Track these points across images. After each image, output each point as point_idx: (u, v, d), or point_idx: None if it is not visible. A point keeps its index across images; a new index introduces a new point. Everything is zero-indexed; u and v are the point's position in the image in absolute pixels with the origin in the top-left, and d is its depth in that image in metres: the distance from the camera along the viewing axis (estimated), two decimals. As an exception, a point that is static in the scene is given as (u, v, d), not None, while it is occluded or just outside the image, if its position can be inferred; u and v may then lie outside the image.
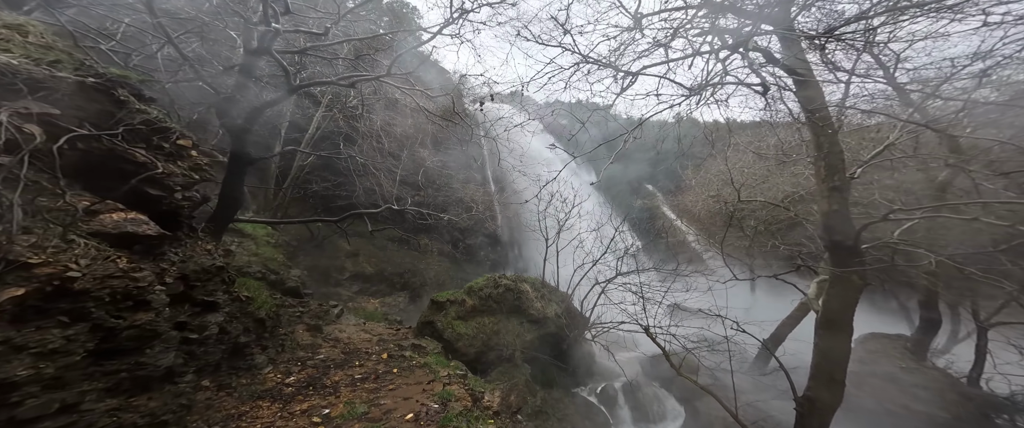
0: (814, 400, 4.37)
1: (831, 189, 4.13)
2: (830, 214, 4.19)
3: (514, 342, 8.43)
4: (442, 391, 4.56)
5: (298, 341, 6.11)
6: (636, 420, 8.96)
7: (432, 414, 3.83)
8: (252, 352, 4.76)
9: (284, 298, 7.36)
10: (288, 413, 3.81)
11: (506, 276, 9.25)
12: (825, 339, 4.37)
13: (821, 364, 4.38)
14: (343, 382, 4.94)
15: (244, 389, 4.21)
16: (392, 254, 15.52)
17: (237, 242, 8.77)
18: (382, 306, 13.52)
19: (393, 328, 8.50)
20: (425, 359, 6.17)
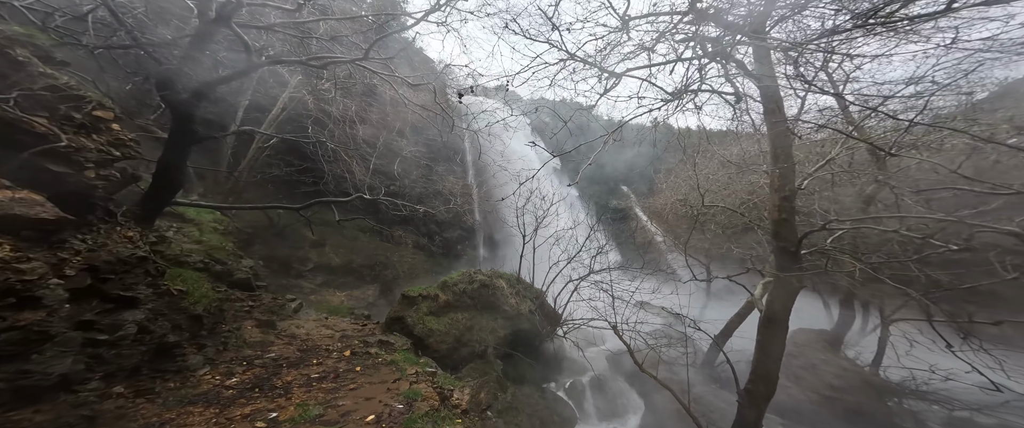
0: (753, 392, 4.56)
1: (782, 198, 4.30)
2: (778, 221, 4.37)
3: (487, 338, 8.17)
4: (408, 390, 4.19)
5: (245, 338, 5.43)
6: (601, 414, 9.05)
7: (395, 415, 3.47)
8: (184, 352, 4.10)
9: (230, 291, 6.56)
10: (225, 419, 3.28)
11: (482, 272, 8.94)
12: (765, 335, 4.58)
13: (760, 358, 4.61)
14: (297, 382, 4.41)
15: (171, 394, 3.59)
16: (363, 245, 14.64)
17: (176, 228, 7.74)
18: (349, 300, 12.70)
19: (359, 323, 7.92)
20: (392, 356, 5.73)
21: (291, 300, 7.50)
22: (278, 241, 13.37)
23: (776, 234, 4.28)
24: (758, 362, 4.60)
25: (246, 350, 5.21)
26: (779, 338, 4.40)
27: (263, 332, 5.82)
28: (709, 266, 15.85)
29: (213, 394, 3.81)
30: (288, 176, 13.61)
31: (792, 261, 4.16)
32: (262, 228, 13.21)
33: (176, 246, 7.02)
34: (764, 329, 4.51)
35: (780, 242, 4.24)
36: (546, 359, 9.53)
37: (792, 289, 4.24)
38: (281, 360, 5.15)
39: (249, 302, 6.54)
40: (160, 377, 3.81)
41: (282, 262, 13.10)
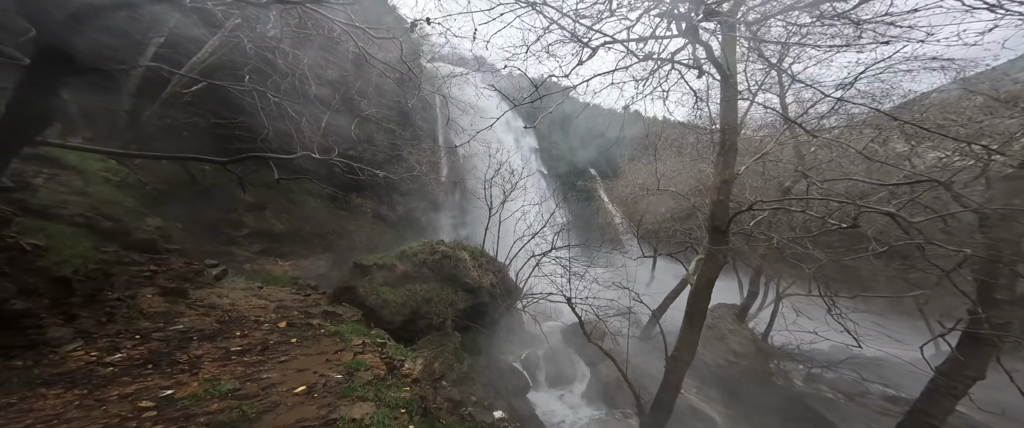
0: (677, 359, 4.85)
1: (722, 181, 4.42)
2: (716, 202, 4.53)
3: (446, 311, 7.75)
4: (351, 361, 3.65)
5: (142, 308, 4.38)
6: (551, 382, 9.29)
7: (331, 385, 2.95)
8: (40, 323, 3.10)
9: (124, 253, 5.28)
10: (94, 400, 2.49)
11: (444, 242, 8.37)
12: (692, 307, 4.83)
13: (686, 328, 4.88)
14: (209, 357, 3.62)
15: (14, 375, 2.67)
16: (314, 211, 13.09)
17: (48, 175, 6.02)
18: (294, 269, 11.39)
19: (301, 293, 7.00)
20: (338, 327, 5.07)
21: (211, 265, 6.33)
22: (202, 201, 11.38)
23: (712, 214, 4.47)
24: (684, 331, 4.86)
25: (141, 322, 4.20)
26: (702, 309, 4.65)
27: (169, 301, 4.77)
28: (656, 246, 16.85)
29: (81, 373, 2.93)
30: (215, 128, 11.46)
31: (722, 239, 4.37)
32: (181, 185, 11.10)
33: (45, 196, 5.45)
34: (692, 301, 4.74)
35: (714, 221, 4.46)
36: (504, 331, 9.44)
37: (717, 264, 4.51)
38: (192, 332, 4.24)
39: (151, 267, 5.33)
40: (1, 354, 2.82)
41: (209, 226, 11.23)
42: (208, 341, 4.10)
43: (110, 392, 2.65)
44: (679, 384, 4.72)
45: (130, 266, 5.05)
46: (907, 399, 8.58)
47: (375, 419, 2.29)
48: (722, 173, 4.24)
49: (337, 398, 2.71)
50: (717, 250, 4.44)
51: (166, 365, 3.30)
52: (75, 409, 2.38)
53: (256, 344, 4.21)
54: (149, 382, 2.89)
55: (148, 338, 3.86)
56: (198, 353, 3.68)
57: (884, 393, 8.93)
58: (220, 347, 3.96)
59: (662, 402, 4.79)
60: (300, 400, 2.66)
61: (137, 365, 3.21)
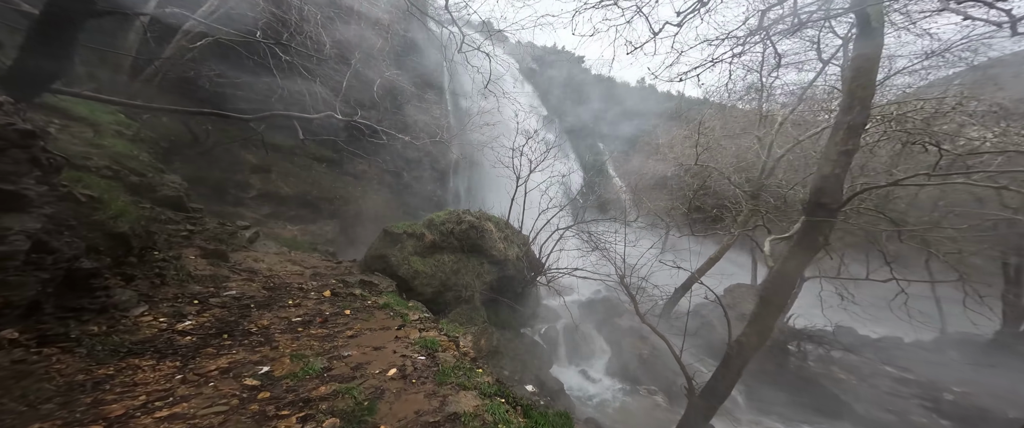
0: (744, 343, 4.86)
1: (841, 153, 4.12)
2: (829, 176, 4.24)
3: (474, 283, 7.85)
4: (421, 339, 3.69)
5: (190, 271, 4.30)
6: (571, 357, 9.74)
7: (421, 368, 2.99)
8: (106, 284, 3.00)
9: (158, 210, 5.08)
10: (197, 375, 2.48)
11: (470, 212, 8.27)
12: (771, 292, 4.74)
13: (760, 313, 4.84)
14: (276, 328, 3.61)
15: (99, 341, 2.61)
16: (319, 176, 12.75)
17: (59, 126, 5.61)
18: (303, 234, 11.29)
19: (330, 260, 6.96)
20: (383, 299, 5.09)
21: (243, 227, 6.18)
22: (205, 162, 10.95)
23: (820, 189, 4.18)
24: (756, 316, 4.84)
25: (192, 285, 4.13)
26: (784, 295, 4.63)
27: (213, 265, 4.68)
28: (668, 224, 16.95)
29: (161, 341, 2.89)
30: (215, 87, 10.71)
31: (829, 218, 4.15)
32: (183, 144, 10.60)
33: (65, 146, 5.10)
34: (772, 284, 4.68)
35: (821, 198, 4.17)
36: (526, 306, 9.69)
37: (815, 246, 4.35)
38: (246, 299, 4.20)
39: (187, 226, 5.17)
40: (74, 317, 2.74)
41: (214, 186, 10.92)
42: (265, 309, 4.08)
43: (206, 366, 2.63)
44: (741, 370, 4.85)
45: (167, 224, 4.88)
46: (916, 380, 9.21)
47: (492, 412, 2.31)
48: (843, 143, 3.92)
49: (436, 385, 2.74)
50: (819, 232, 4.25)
51: (240, 336, 3.28)
52: (182, 385, 2.36)
53: (312, 314, 4.21)
54: (236, 355, 2.88)
55: (207, 304, 3.81)
56: (264, 323, 3.67)
57: (894, 375, 9.57)
58: (281, 317, 3.95)
59: (717, 387, 4.95)
60: (400, 386, 2.68)
61: (212, 335, 3.19)
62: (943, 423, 7.61)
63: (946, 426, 7.55)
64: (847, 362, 9.72)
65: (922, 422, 7.59)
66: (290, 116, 7.90)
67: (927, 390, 8.64)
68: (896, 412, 7.95)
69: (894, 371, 9.38)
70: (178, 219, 5.19)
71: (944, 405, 8.07)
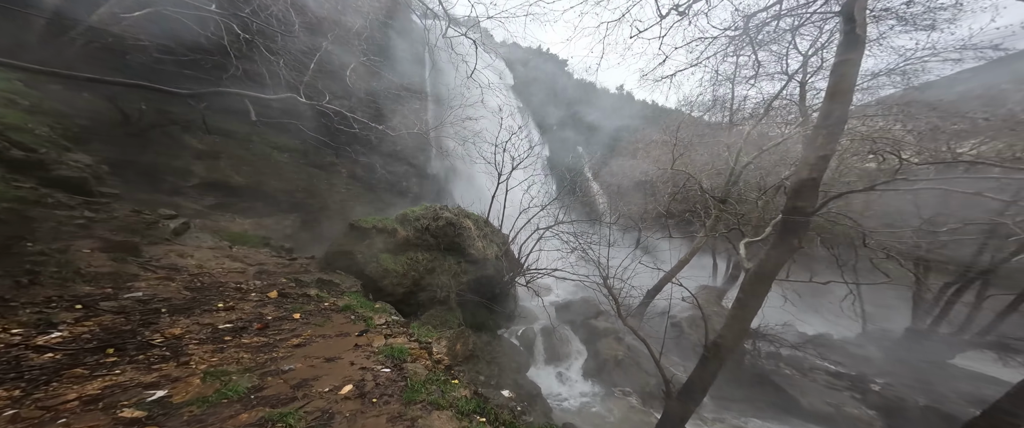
0: (720, 345, 4.69)
1: (819, 158, 4.05)
2: (805, 181, 4.16)
3: (449, 283, 7.15)
4: (387, 346, 3.00)
5: (77, 267, 3.26)
6: (548, 359, 9.28)
7: (385, 383, 2.32)
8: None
9: (45, 192, 3.91)
10: (42, 409, 1.64)
11: (448, 208, 7.58)
12: (748, 291, 4.62)
13: (737, 314, 4.71)
14: (193, 338, 2.75)
15: None
16: (281, 166, 11.35)
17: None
18: (256, 228, 9.91)
19: (282, 256, 5.95)
20: (344, 300, 4.28)
21: (168, 217, 5.04)
22: (137, 144, 9.27)
23: (796, 193, 4.11)
24: (733, 318, 4.69)
25: (79, 286, 3.11)
26: (760, 296, 4.51)
27: (115, 259, 3.63)
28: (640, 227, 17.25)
29: (4, 362, 1.98)
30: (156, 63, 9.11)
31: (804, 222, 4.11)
32: (109, 123, 8.88)
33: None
34: (750, 285, 4.54)
35: (798, 201, 4.10)
36: (503, 307, 9.11)
37: (791, 248, 4.29)
38: (156, 302, 3.25)
39: (85, 213, 4.02)
40: None
41: (146, 171, 9.25)
42: (183, 315, 3.17)
43: (62, 394, 1.78)
44: (717, 371, 4.63)
45: (55, 209, 3.74)
46: (848, 374, 9.80)
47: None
48: (821, 147, 3.82)
49: (403, 404, 2.09)
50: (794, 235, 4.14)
51: (135, 350, 2.40)
52: (10, 425, 1.52)
53: (249, 320, 3.36)
54: (119, 377, 2.03)
55: (95, 309, 2.84)
56: (176, 332, 2.79)
57: (828, 369, 10.13)
58: (203, 324, 3.06)
59: (694, 388, 4.71)
60: (357, 408, 2.00)
61: (90, 350, 2.29)
62: (870, 413, 8.10)
63: (873, 415, 8.03)
64: (791, 359, 10.20)
65: (855, 413, 8.05)
66: (242, 95, 6.76)
67: (856, 383, 9.24)
68: (834, 405, 8.36)
69: (829, 366, 9.96)
70: (74, 204, 4.03)
71: (871, 396, 8.65)
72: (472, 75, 6.15)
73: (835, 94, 3.76)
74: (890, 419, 7.84)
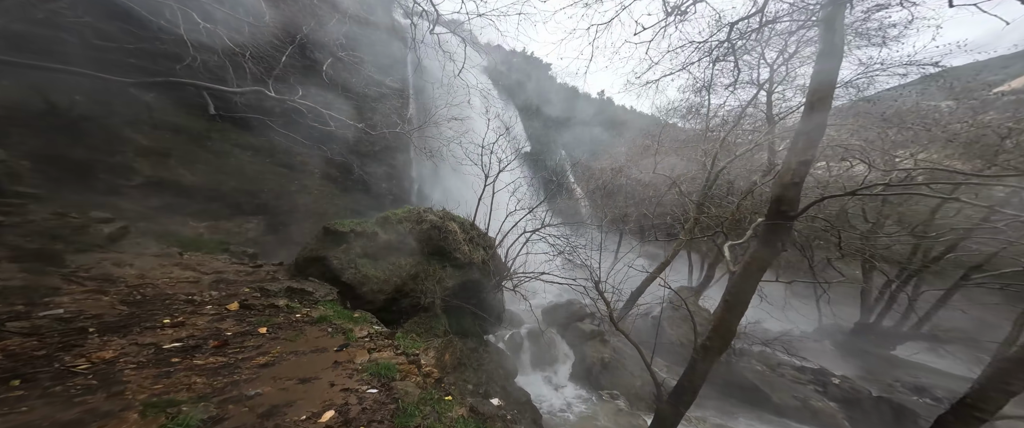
0: (709, 347, 4.69)
1: (800, 163, 4.20)
2: (787, 184, 4.30)
3: (434, 289, 6.76)
4: (371, 363, 2.65)
5: (-19, 277, 2.63)
6: (536, 364, 9.09)
7: (372, 407, 1.99)
8: None
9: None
10: None
11: (432, 211, 7.21)
12: (734, 292, 4.68)
13: (724, 316, 4.71)
14: (130, 361, 2.26)
15: None
16: (243, 164, 10.35)
17: None
18: (213, 232, 8.95)
19: (244, 263, 5.31)
20: (318, 311, 3.83)
21: (102, 220, 4.32)
22: (64, 137, 8.07)
23: (779, 197, 4.23)
24: (720, 319, 4.71)
25: (-18, 301, 2.50)
26: (746, 297, 4.59)
27: (29, 271, 2.99)
28: (622, 232, 17.62)
29: None
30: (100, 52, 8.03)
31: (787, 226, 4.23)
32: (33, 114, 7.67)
33: None
34: (735, 287, 4.60)
35: (781, 205, 4.22)
36: (490, 311, 8.81)
37: (775, 251, 4.42)
38: (82, 320, 2.68)
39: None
40: None
41: (79, 168, 8.06)
42: (117, 334, 2.64)
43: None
44: (706, 373, 4.62)
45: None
46: (812, 369, 10.40)
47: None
48: (802, 153, 3.95)
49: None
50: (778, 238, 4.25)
51: (51, 380, 1.91)
52: None
53: (204, 337, 2.87)
54: (27, 414, 1.57)
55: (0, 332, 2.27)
56: (107, 355, 2.29)
57: (794, 364, 10.73)
58: (143, 344, 2.56)
59: (684, 390, 4.68)
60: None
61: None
62: (832, 405, 8.61)
63: (834, 408, 8.54)
64: (760, 355, 10.73)
65: (819, 406, 8.52)
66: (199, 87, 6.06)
67: (818, 377, 9.84)
68: (800, 399, 8.80)
69: (794, 361, 10.56)
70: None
71: (831, 389, 9.23)
72: (460, 74, 5.93)
73: (815, 102, 3.92)
74: (849, 410, 8.36)
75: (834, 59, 3.86)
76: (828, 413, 8.18)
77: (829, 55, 3.84)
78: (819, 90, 3.92)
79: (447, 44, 5.74)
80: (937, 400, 8.38)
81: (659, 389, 4.77)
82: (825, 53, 3.85)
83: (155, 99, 8.78)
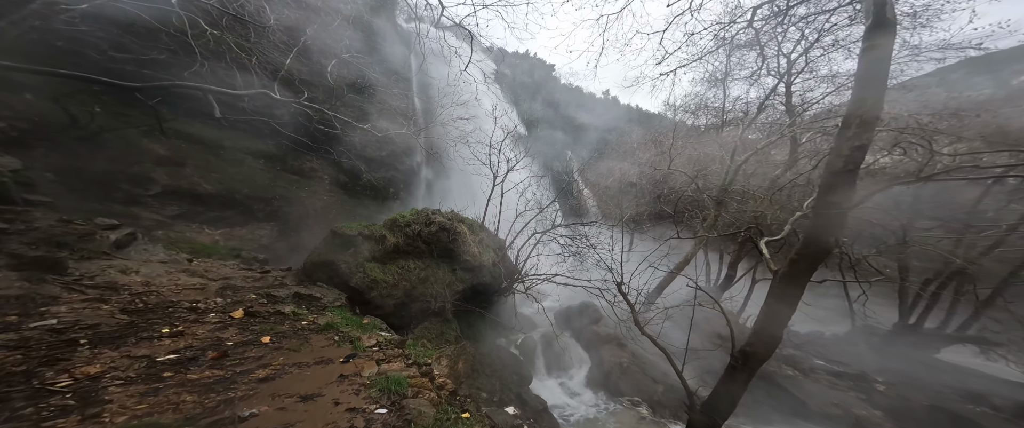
0: (750, 354, 4.18)
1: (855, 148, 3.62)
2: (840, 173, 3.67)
3: (444, 293, 6.50)
4: (379, 376, 2.38)
5: (-29, 287, 2.48)
6: (550, 368, 8.70)
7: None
8: None
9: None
10: None
11: (440, 212, 6.97)
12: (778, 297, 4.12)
13: (766, 321, 4.19)
14: (117, 376, 2.05)
15: None
16: (253, 173, 10.42)
17: None
18: (228, 239, 8.94)
19: (252, 269, 5.16)
20: (326, 317, 3.60)
21: (108, 226, 4.22)
22: (86, 149, 8.21)
23: (830, 187, 3.66)
24: (762, 324, 4.16)
25: (-29, 312, 2.34)
26: (792, 300, 4.03)
27: (30, 279, 2.84)
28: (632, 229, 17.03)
29: None
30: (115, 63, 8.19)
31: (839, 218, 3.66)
32: (53, 127, 7.83)
33: None
34: (780, 288, 4.08)
35: (832, 196, 3.72)
36: (501, 315, 8.49)
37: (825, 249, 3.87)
38: (78, 331, 2.50)
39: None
40: None
41: (101, 180, 8.18)
42: (109, 346, 2.44)
43: None
44: (747, 382, 4.16)
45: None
46: (850, 374, 9.65)
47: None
48: (856, 136, 3.41)
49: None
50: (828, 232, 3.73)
51: (24, 400, 1.70)
52: None
53: (203, 347, 2.65)
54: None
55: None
56: (93, 370, 2.08)
57: (827, 368, 9.99)
58: (135, 356, 2.35)
59: (721, 400, 4.22)
60: (343, 470, 1.39)
61: (-53, 406, 1.57)
62: (877, 413, 7.85)
63: (880, 416, 7.79)
64: (790, 358, 10.02)
65: (863, 414, 7.76)
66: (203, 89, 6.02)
67: (858, 382, 9.05)
68: (840, 406, 8.07)
69: (825, 364, 9.78)
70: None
71: (876, 396, 8.42)
72: (467, 68, 5.71)
73: (868, 80, 3.47)
74: (897, 420, 7.62)
75: (886, 33, 3.42)
76: (874, 422, 7.48)
77: (880, 29, 3.41)
78: (871, 67, 3.47)
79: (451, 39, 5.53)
80: (996, 409, 7.57)
81: (691, 398, 4.34)
82: (875, 27, 3.41)
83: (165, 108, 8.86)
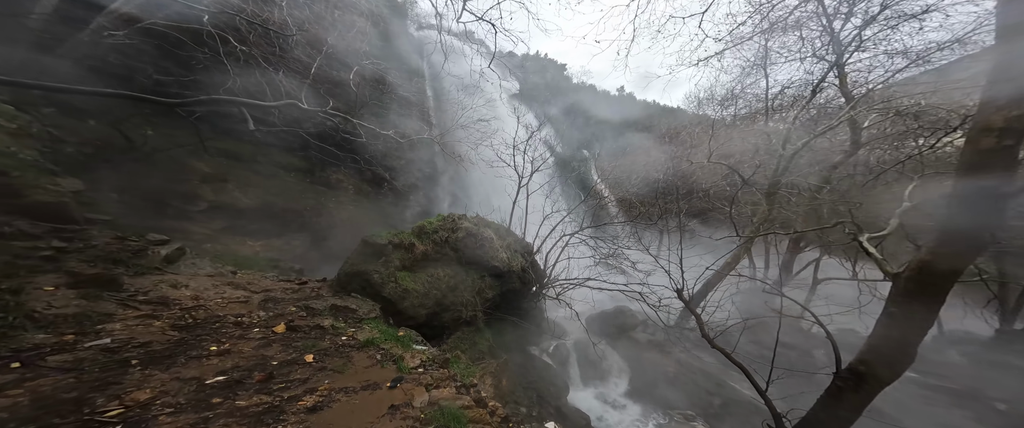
0: (866, 375, 3.23)
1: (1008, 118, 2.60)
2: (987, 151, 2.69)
3: (474, 300, 6.28)
4: (434, 409, 2.15)
5: (32, 309, 2.49)
6: (586, 379, 8.24)
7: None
8: None
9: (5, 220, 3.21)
10: None
11: (466, 217, 6.79)
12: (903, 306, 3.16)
13: (891, 335, 3.23)
14: (167, 402, 1.94)
15: None
16: (288, 185, 10.81)
17: None
18: (267, 250, 9.22)
19: (291, 280, 5.17)
20: (364, 333, 3.45)
21: (158, 242, 4.31)
22: (142, 169, 8.76)
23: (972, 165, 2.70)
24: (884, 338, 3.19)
25: (32, 335, 2.34)
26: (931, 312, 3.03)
27: (85, 296, 2.87)
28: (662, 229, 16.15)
29: None
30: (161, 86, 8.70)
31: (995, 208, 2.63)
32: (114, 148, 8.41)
33: None
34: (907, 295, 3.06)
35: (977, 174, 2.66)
36: (531, 322, 8.17)
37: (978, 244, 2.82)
38: (129, 350, 2.46)
39: (54, 242, 3.30)
40: None
41: (154, 198, 8.70)
42: (160, 367, 2.36)
43: None
44: (862, 407, 3.25)
45: (12, 240, 3.02)
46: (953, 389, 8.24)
47: None
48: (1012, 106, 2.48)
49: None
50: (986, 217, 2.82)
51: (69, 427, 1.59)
52: None
53: (249, 367, 2.54)
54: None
55: (37, 368, 2.05)
56: (143, 396, 1.97)
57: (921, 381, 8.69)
58: (185, 378, 2.25)
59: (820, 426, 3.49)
60: None
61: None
62: None
63: None
64: None
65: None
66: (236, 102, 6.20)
67: (965, 400, 7.40)
68: None
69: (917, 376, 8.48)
70: (37, 233, 3.31)
71: (992, 416, 6.79)
72: (491, 64, 5.50)
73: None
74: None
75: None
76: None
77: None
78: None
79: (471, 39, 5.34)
80: None
81: (778, 420, 3.72)
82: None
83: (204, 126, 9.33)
